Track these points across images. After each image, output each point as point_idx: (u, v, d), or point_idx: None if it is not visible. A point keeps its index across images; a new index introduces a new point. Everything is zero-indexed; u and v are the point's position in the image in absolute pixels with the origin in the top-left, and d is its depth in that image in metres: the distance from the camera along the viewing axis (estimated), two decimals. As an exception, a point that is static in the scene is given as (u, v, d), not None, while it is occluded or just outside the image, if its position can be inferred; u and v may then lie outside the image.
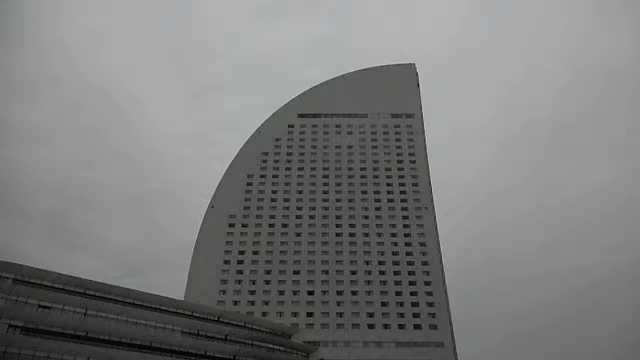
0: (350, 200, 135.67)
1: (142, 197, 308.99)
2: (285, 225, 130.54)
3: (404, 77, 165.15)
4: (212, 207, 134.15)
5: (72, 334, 68.31)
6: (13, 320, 64.12)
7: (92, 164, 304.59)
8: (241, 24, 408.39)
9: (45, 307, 68.93)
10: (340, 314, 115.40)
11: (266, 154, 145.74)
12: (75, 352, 65.70)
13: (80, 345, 66.98)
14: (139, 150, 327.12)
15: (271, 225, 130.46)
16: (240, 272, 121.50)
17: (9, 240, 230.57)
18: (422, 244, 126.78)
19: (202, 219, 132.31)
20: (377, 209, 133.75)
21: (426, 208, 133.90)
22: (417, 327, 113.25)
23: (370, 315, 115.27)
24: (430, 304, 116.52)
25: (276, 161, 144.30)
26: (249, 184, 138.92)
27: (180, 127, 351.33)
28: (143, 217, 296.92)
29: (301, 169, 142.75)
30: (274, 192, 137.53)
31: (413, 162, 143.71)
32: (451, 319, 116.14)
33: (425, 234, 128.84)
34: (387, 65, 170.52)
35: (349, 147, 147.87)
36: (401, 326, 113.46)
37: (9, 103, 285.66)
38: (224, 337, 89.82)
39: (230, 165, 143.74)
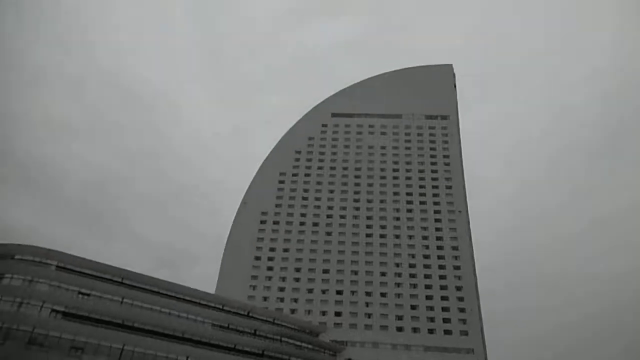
0: (382, 202, 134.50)
1: (176, 194, 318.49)
2: (316, 224, 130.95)
3: (440, 77, 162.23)
4: (245, 203, 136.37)
5: (109, 321, 70.94)
6: (55, 305, 67.19)
7: (129, 161, 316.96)
8: (277, 23, 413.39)
9: (84, 294, 71.87)
10: (369, 315, 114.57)
11: (299, 152, 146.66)
12: (111, 339, 68.17)
13: (116, 332, 69.52)
14: (175, 148, 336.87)
15: (302, 224, 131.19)
16: (270, 268, 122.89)
17: (53, 230, 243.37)
18: (455, 248, 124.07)
19: (234, 216, 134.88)
20: (409, 210, 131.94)
21: (460, 212, 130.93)
22: (447, 332, 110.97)
23: (399, 317, 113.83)
24: (462, 310, 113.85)
25: (309, 160, 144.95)
26: (281, 182, 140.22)
27: (215, 125, 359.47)
28: (177, 214, 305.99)
29: (333, 168, 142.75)
30: (306, 190, 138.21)
31: (447, 164, 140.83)
32: (482, 326, 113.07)
33: (458, 237, 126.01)
34: (424, 66, 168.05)
35: (382, 147, 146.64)
36: (431, 331, 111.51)
37: (54, 99, 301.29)
38: (253, 331, 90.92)
39: (263, 164, 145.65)
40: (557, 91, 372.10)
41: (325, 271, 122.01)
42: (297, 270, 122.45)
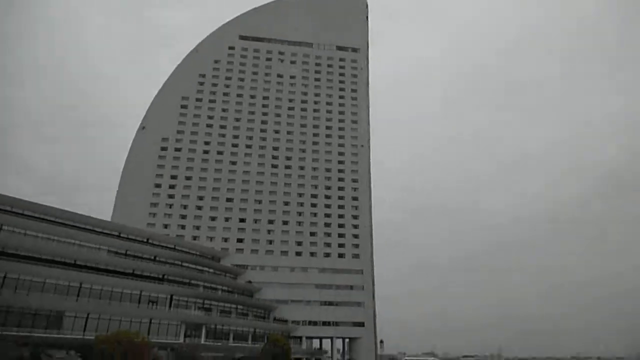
0: (289, 133, 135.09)
1: (58, 113, 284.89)
2: (220, 153, 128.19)
3: (353, 9, 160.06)
4: (143, 128, 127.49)
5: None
6: None
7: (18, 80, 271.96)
8: None
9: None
10: (271, 241, 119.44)
11: (203, 76, 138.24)
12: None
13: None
14: (65, 65, 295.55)
15: (206, 152, 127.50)
16: (171, 196, 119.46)
17: None
18: (355, 181, 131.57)
19: (132, 141, 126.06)
20: (315, 143, 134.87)
21: (362, 146, 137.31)
22: (341, 255, 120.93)
23: (299, 243, 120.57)
24: (356, 236, 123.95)
25: (214, 85, 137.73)
26: (184, 106, 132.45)
27: (111, 42, 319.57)
28: (70, 139, 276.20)
29: (240, 95, 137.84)
30: (210, 117, 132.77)
31: (355, 99, 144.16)
32: (373, 251, 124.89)
33: (359, 171, 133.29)
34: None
35: (292, 77, 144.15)
36: (327, 254, 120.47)
37: None
38: (152, 257, 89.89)
39: (164, 86, 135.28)
40: (472, 35, 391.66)
41: (229, 200, 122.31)
42: (200, 198, 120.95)
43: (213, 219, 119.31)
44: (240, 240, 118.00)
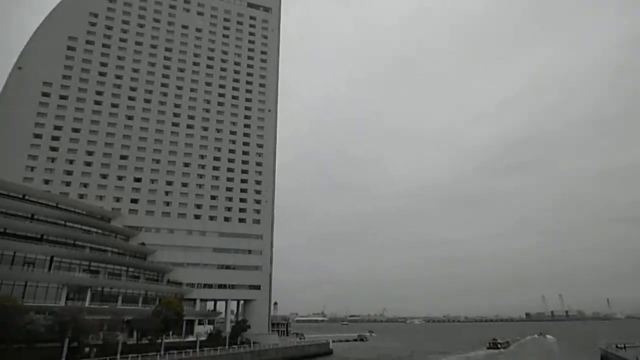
0: (192, 90, 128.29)
1: None
2: (115, 106, 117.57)
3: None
4: (20, 69, 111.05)
5: None
6: None
7: None
8: None
9: None
10: (168, 203, 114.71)
11: (95, 16, 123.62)
12: None
13: None
14: None
15: (98, 103, 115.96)
16: (54, 149, 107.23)
17: None
18: (260, 146, 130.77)
19: (5, 82, 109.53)
20: (220, 103, 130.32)
21: (269, 111, 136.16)
22: (242, 220, 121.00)
23: (199, 206, 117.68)
24: (258, 202, 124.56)
25: (109, 28, 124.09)
26: (71, 48, 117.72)
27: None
28: None
29: (140, 43, 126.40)
30: (104, 64, 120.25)
31: (264, 61, 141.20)
32: (274, 216, 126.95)
33: (264, 136, 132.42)
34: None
35: (198, 30, 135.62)
36: (227, 219, 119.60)
37: None
38: (30, 215, 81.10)
39: (46, 21, 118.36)
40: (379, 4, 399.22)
41: (123, 157, 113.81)
42: (90, 153, 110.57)
43: (104, 176, 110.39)
44: (134, 201, 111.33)
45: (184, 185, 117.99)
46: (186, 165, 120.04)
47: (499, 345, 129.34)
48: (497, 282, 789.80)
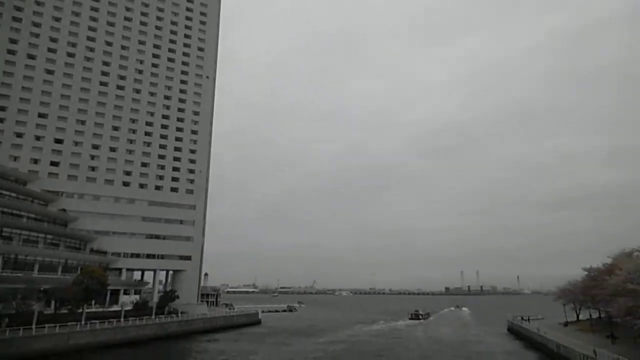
0: (124, 48, 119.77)
1: None
2: (31, 57, 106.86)
3: None
4: None
5: None
6: None
7: None
8: None
9: None
10: (94, 168, 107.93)
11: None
12: None
13: None
14: None
15: (11, 52, 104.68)
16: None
17: None
18: (196, 113, 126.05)
19: None
20: (155, 65, 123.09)
21: (207, 77, 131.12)
22: (174, 190, 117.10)
23: (128, 173, 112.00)
24: (192, 171, 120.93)
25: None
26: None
27: None
28: None
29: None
30: (19, 9, 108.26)
31: (204, 23, 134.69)
32: (208, 187, 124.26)
33: (201, 103, 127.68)
34: None
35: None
36: (158, 187, 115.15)
37: None
38: None
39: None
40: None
41: (42, 115, 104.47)
42: (2, 109, 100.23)
43: (19, 135, 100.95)
44: (55, 164, 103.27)
45: (113, 150, 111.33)
46: (115, 128, 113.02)
47: (420, 316, 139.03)
48: (421, 258, 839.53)
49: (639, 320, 46.09)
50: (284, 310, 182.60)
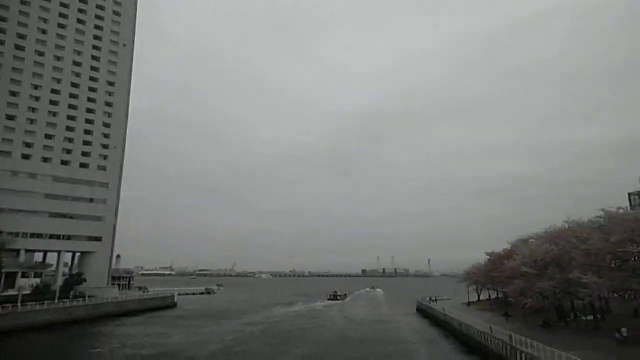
0: (24, 3, 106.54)
1: None
2: None
3: None
4: None
5: None
6: None
7: None
8: None
9: None
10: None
11: None
12: None
13: None
14: None
15: None
16: None
17: None
18: (111, 84, 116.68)
19: None
20: (62, 26, 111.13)
21: (125, 45, 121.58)
22: (83, 165, 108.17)
23: (29, 145, 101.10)
24: (105, 146, 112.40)
25: None
26: None
27: None
28: None
29: None
30: None
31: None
32: (123, 163, 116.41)
33: (117, 73, 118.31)
34: None
35: None
36: (65, 162, 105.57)
37: None
38: None
39: None
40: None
41: None
42: None
43: None
44: None
45: (11, 118, 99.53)
46: (14, 94, 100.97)
47: (338, 297, 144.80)
48: (342, 243, 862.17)
49: (529, 300, 51.95)
50: (202, 293, 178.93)
